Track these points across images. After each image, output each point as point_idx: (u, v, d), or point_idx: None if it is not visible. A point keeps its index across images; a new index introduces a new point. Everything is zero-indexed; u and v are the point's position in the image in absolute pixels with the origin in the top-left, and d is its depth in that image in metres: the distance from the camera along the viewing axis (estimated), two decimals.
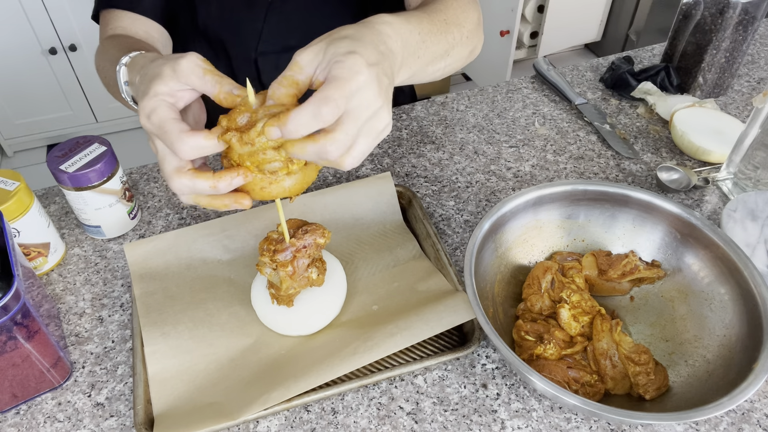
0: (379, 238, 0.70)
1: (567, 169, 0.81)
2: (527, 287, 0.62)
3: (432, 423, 0.54)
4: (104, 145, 0.68)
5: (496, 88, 0.96)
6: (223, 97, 0.43)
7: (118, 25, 0.72)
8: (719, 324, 0.56)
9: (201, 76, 0.43)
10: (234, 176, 0.42)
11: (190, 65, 0.42)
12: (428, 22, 0.52)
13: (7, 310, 0.49)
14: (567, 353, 0.56)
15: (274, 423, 0.54)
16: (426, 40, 0.51)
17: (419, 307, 0.60)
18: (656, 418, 0.46)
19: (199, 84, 0.43)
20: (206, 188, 0.42)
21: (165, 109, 0.42)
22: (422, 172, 0.80)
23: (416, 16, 0.51)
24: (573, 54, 2.73)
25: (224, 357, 0.58)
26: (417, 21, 0.50)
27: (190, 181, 0.42)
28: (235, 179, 0.42)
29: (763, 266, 0.60)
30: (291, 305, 0.58)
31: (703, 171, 0.79)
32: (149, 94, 0.43)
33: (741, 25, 0.83)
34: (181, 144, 0.40)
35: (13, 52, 1.97)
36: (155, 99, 0.42)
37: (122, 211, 0.71)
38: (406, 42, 0.48)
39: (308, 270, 0.56)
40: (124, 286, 0.67)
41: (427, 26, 0.52)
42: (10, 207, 0.61)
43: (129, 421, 0.55)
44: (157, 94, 0.42)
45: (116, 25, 0.72)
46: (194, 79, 0.43)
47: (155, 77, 0.43)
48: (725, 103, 0.92)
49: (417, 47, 0.50)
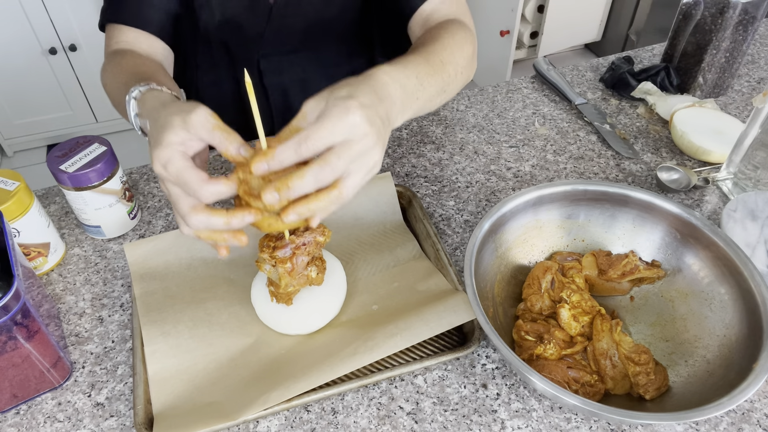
0: (379, 237, 0.70)
1: (567, 169, 0.81)
2: (527, 287, 0.62)
3: (432, 423, 0.54)
4: (104, 145, 0.68)
5: (496, 88, 0.96)
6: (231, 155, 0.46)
7: (123, 39, 0.73)
8: (719, 324, 0.56)
9: (210, 131, 0.45)
10: (245, 215, 0.46)
11: (200, 119, 0.45)
12: (425, 65, 0.56)
13: (7, 310, 0.49)
14: (567, 353, 0.56)
15: (274, 423, 0.54)
16: (423, 83, 0.55)
17: (419, 307, 0.60)
18: (656, 418, 0.46)
19: (207, 138, 0.46)
20: (221, 225, 0.46)
21: (179, 159, 0.45)
22: (422, 172, 0.80)
23: (413, 61, 0.55)
24: (573, 54, 2.73)
25: (224, 356, 0.58)
26: (414, 66, 0.54)
27: (206, 218, 0.46)
28: (247, 217, 0.46)
29: (763, 266, 0.60)
30: (290, 304, 0.58)
31: (703, 171, 0.79)
32: (163, 143, 0.45)
33: (741, 25, 0.83)
34: (203, 191, 0.45)
35: (13, 52, 1.97)
36: (169, 149, 0.45)
37: (122, 211, 0.71)
38: (404, 87, 0.52)
39: (308, 268, 0.56)
40: (124, 286, 0.67)
41: (424, 69, 0.55)
42: (10, 207, 0.61)
43: (129, 421, 0.55)
44: (170, 144, 0.45)
45: (121, 39, 0.73)
46: (203, 133, 0.45)
47: (167, 127, 0.46)
48: (725, 103, 0.92)
49: (415, 90, 0.53)
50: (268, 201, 0.44)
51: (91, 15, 1.97)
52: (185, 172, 0.45)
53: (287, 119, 0.97)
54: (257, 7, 0.79)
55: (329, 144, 0.44)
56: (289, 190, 0.44)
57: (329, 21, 0.83)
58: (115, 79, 0.65)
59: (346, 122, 0.43)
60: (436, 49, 0.59)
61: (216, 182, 0.45)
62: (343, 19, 0.84)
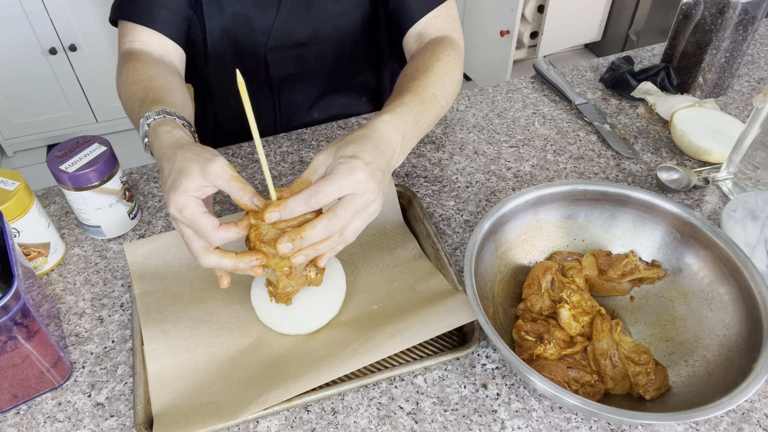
0: (380, 237, 0.70)
1: (567, 169, 0.81)
2: (527, 287, 0.62)
3: (432, 423, 0.54)
4: (104, 145, 0.68)
5: (496, 88, 0.96)
6: (245, 203, 0.51)
7: (137, 38, 0.74)
8: (719, 324, 0.56)
9: (227, 181, 0.49)
10: (252, 259, 0.51)
11: (218, 170, 0.49)
12: (420, 103, 0.61)
13: (7, 310, 0.49)
14: (567, 353, 0.56)
15: (274, 423, 0.54)
16: (419, 122, 0.60)
17: (419, 308, 0.60)
18: (656, 418, 0.46)
19: (225, 188, 0.50)
20: (229, 266, 0.51)
21: (194, 205, 0.49)
22: (422, 172, 0.80)
23: (409, 104, 0.60)
24: (573, 54, 2.73)
25: (224, 356, 0.58)
26: (410, 110, 0.59)
27: (217, 260, 0.51)
28: (254, 261, 0.51)
29: (763, 266, 0.60)
30: (289, 303, 0.58)
31: (703, 171, 0.79)
32: (179, 189, 0.49)
33: (741, 25, 0.83)
34: (214, 237, 0.49)
35: (13, 52, 1.97)
36: (185, 195, 0.49)
37: (122, 211, 0.71)
38: (404, 133, 0.57)
39: (306, 269, 0.56)
40: (124, 286, 0.67)
41: (419, 108, 0.60)
42: (10, 207, 0.61)
43: (129, 421, 0.55)
44: (186, 190, 0.49)
45: (135, 38, 0.74)
46: (221, 183, 0.49)
47: (184, 173, 0.49)
48: (725, 103, 0.92)
49: (413, 131, 0.59)
50: (283, 251, 0.49)
51: (91, 15, 1.97)
52: (199, 218, 0.49)
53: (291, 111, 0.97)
54: (266, 2, 0.80)
55: (336, 197, 0.49)
56: (303, 240, 0.49)
57: (338, 15, 0.84)
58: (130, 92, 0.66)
59: (351, 179, 0.49)
60: (428, 82, 0.64)
61: (227, 229, 0.50)
62: (351, 11, 0.85)
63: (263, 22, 0.82)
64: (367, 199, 0.50)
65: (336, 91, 0.95)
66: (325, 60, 0.90)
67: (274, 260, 0.52)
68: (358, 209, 0.50)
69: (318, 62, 0.89)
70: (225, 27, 0.82)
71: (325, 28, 0.85)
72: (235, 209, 0.76)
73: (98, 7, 1.96)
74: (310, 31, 0.85)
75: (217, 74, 0.89)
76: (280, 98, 0.92)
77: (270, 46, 0.85)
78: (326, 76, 0.92)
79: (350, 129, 0.88)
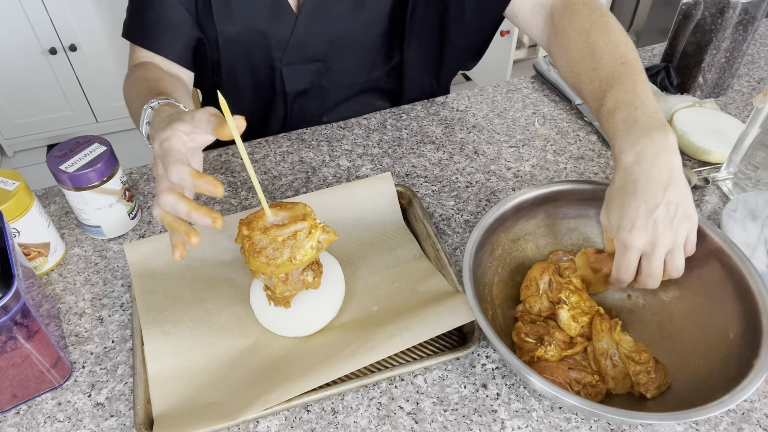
0: (380, 238, 0.70)
1: (567, 169, 0.81)
2: (525, 289, 0.62)
3: (432, 423, 0.54)
4: (104, 145, 0.68)
5: (496, 88, 0.96)
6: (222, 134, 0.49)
7: (146, 56, 0.77)
8: (719, 323, 0.56)
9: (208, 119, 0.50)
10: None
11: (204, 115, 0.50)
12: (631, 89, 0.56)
13: (7, 310, 0.49)
14: (568, 354, 0.56)
15: (274, 423, 0.54)
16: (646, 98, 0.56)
17: (419, 308, 0.60)
18: (656, 418, 0.46)
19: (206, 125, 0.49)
20: (183, 211, 0.49)
21: (177, 140, 0.50)
22: (422, 172, 0.80)
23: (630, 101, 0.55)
24: None
25: (224, 357, 0.58)
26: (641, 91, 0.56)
27: (174, 200, 0.49)
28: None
29: (763, 266, 0.60)
30: (288, 306, 0.58)
31: (703, 171, 0.79)
32: (169, 128, 0.50)
33: (741, 25, 0.83)
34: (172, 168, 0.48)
35: (13, 52, 1.97)
36: (171, 130, 0.50)
37: (122, 211, 0.71)
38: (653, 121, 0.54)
39: (303, 273, 0.56)
40: (124, 286, 0.67)
41: (641, 88, 0.56)
42: (10, 207, 0.61)
43: (129, 421, 0.55)
44: (175, 128, 0.50)
45: (143, 56, 0.78)
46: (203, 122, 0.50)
47: (176, 118, 0.51)
48: (725, 103, 0.92)
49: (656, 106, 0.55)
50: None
51: (91, 15, 1.97)
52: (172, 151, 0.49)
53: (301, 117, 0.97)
54: (282, 16, 0.80)
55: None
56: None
57: (356, 32, 0.84)
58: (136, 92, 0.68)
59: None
60: (615, 67, 0.60)
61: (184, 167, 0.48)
62: (368, 30, 0.84)
63: (279, 36, 0.81)
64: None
65: (350, 98, 0.94)
66: (343, 73, 0.89)
67: (269, 269, 0.52)
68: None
69: (335, 75, 0.89)
70: (238, 40, 0.81)
71: (341, 44, 0.85)
72: (236, 209, 0.76)
73: (98, 7, 1.96)
74: (328, 45, 0.84)
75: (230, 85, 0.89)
76: (292, 107, 0.91)
77: (286, 61, 0.84)
78: (343, 87, 0.91)
79: (350, 129, 0.88)
